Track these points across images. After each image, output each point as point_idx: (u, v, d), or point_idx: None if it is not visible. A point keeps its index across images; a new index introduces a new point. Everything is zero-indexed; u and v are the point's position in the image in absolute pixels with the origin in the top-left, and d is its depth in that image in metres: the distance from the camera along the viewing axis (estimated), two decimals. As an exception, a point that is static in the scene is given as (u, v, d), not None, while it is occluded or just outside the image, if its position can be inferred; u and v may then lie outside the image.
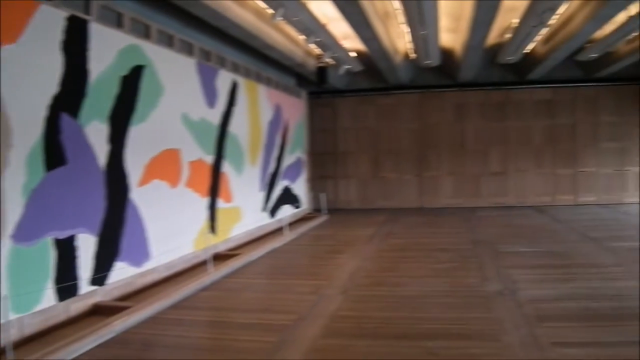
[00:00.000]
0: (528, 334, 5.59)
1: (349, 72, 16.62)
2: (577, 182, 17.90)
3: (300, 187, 16.18)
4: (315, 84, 15.47)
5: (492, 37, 13.20)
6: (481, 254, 10.00)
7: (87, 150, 6.86)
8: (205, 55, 10.36)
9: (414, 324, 6.06)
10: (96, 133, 7.02)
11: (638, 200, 17.54)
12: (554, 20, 11.37)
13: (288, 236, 12.42)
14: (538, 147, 17.92)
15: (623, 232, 12.29)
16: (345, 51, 13.79)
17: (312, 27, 10.86)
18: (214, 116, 10.61)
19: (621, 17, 11.07)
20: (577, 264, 9.02)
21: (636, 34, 12.51)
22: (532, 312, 6.30)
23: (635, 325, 5.75)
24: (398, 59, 14.74)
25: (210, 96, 10.42)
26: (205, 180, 10.21)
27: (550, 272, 8.46)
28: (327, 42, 12.24)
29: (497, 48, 14.52)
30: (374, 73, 16.53)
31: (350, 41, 13.25)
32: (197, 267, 9.22)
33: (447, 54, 15.02)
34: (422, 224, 14.71)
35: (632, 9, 10.68)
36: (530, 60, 15.38)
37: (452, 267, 8.98)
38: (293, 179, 15.48)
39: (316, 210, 17.20)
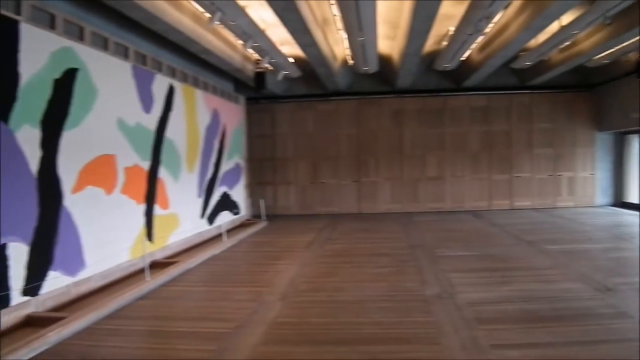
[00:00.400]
0: (468, 336, 5.65)
1: (287, 78, 16.61)
2: (512, 187, 18.30)
3: (238, 193, 16.04)
4: (254, 90, 15.39)
5: (429, 45, 13.38)
6: (420, 258, 10.09)
7: (18, 155, 6.62)
8: (141, 58, 10.17)
9: (354, 329, 6.05)
10: (28, 138, 6.78)
11: (571, 204, 18.12)
12: (489, 28, 11.59)
13: (227, 243, 12.29)
14: (474, 153, 18.25)
15: (557, 235, 12.61)
16: (284, 57, 13.76)
17: (250, 32, 10.80)
18: (150, 121, 10.42)
19: (554, 27, 11.35)
20: (514, 267, 9.18)
21: (568, 43, 12.85)
22: (471, 315, 6.37)
23: (572, 325, 5.90)
24: (336, 65, 14.79)
25: (146, 101, 10.23)
26: (142, 186, 10.01)
27: (487, 275, 8.59)
28: (266, 47, 12.19)
29: (434, 55, 14.73)
30: (313, 79, 16.57)
31: (288, 47, 13.23)
32: (134, 276, 9.01)
33: (385, 60, 15.15)
34: (361, 229, 14.75)
35: (564, 19, 10.97)
36: (467, 67, 15.65)
37: (391, 272, 9.04)
38: (231, 185, 15.33)
39: (255, 217, 17.10)
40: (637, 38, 11.94)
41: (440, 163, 18.29)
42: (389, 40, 13.43)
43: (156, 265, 9.68)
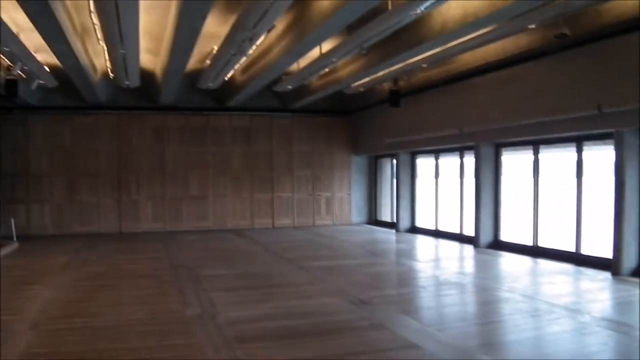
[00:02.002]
0: (228, 356, 5.58)
1: (42, 87, 15.53)
2: (274, 206, 18.77)
3: (-16, 212, 14.68)
4: (4, 98, 14.20)
5: (193, 62, 13.26)
6: (181, 279, 9.92)
7: None
8: None
9: (111, 356, 5.70)
10: None
11: (329, 222, 19.03)
12: (253, 50, 11.75)
13: (-32, 266, 11.18)
14: (237, 173, 18.50)
15: (317, 252, 13.18)
16: (39, 64, 12.85)
17: (1, 36, 9.97)
18: None
19: (315, 53, 11.81)
20: (275, 284, 9.39)
21: (327, 70, 13.45)
22: (232, 334, 6.32)
23: (330, 339, 6.10)
24: (96, 77, 14.14)
25: None
26: None
27: (249, 293, 8.66)
28: (18, 53, 11.32)
29: (198, 73, 14.64)
30: (70, 90, 15.63)
31: (44, 54, 12.39)
32: None
33: (147, 75, 14.79)
34: (122, 249, 14.24)
35: (324, 47, 11.46)
36: (230, 87, 15.79)
37: (152, 294, 8.75)
38: (-24, 202, 14.00)
39: (4, 238, 15.72)
40: (390, 69, 12.82)
41: (203, 182, 18.27)
42: (152, 55, 13.14)
43: None
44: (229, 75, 13.95)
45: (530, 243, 12.47)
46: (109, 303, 8.17)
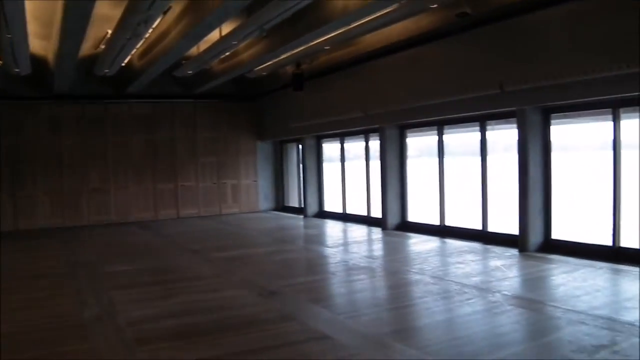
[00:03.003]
0: (127, 360, 5.23)
1: None
2: (178, 196, 18.27)
3: None
4: None
5: (88, 48, 12.60)
6: (80, 277, 9.40)
7: None
8: None
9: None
10: None
11: (237, 210, 18.71)
12: (149, 34, 11.24)
13: None
14: (138, 163, 17.87)
15: (223, 242, 12.91)
16: None
17: None
18: None
19: (215, 36, 11.42)
20: (179, 278, 9.02)
21: (229, 53, 13.06)
22: (132, 335, 5.93)
23: (238, 334, 5.83)
24: (-17, 64, 13.24)
25: None
26: None
27: (151, 290, 8.28)
28: None
29: (94, 59, 13.94)
30: (-45, 79, 14.62)
31: None
32: None
33: (40, 62, 13.97)
34: (17, 248, 13.40)
35: (225, 29, 11.08)
36: (128, 73, 15.15)
37: (48, 296, 8.16)
38: None
39: None
40: (292, 52, 12.55)
41: (103, 174, 17.52)
42: (43, 40, 12.39)
43: None
44: (126, 60, 13.33)
45: (437, 223, 12.55)
46: (-2, 308, 7.59)
